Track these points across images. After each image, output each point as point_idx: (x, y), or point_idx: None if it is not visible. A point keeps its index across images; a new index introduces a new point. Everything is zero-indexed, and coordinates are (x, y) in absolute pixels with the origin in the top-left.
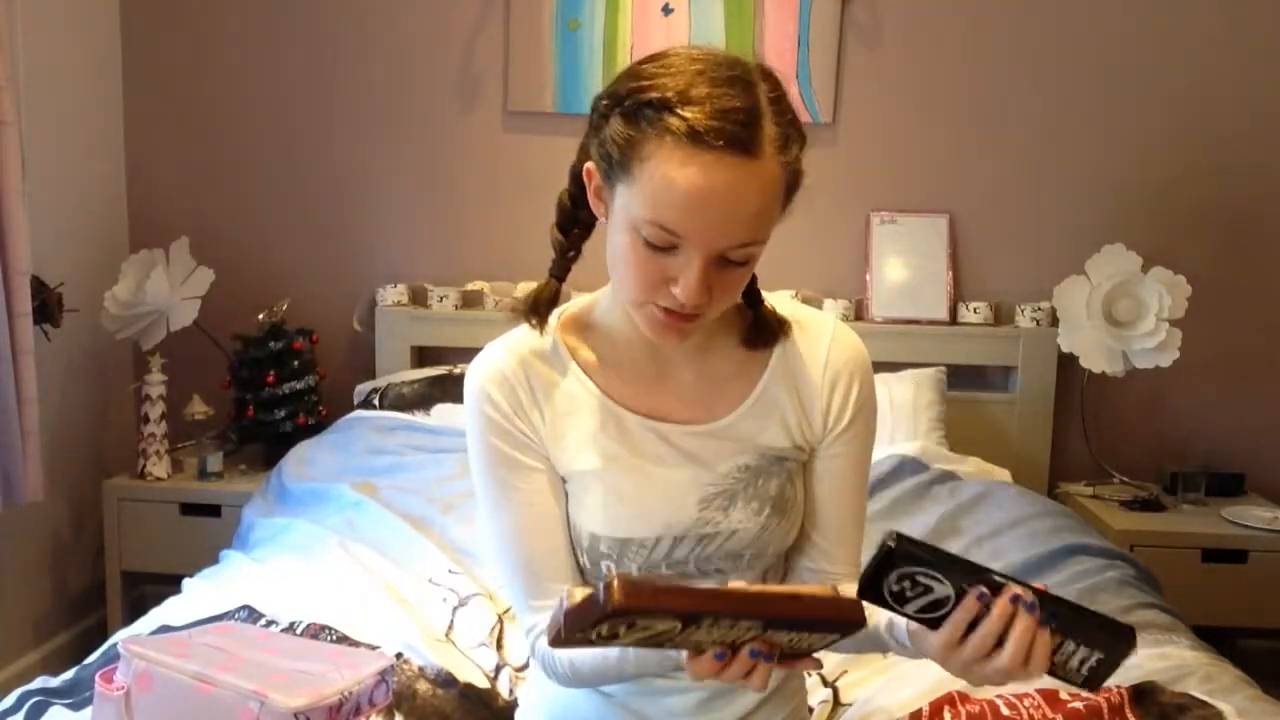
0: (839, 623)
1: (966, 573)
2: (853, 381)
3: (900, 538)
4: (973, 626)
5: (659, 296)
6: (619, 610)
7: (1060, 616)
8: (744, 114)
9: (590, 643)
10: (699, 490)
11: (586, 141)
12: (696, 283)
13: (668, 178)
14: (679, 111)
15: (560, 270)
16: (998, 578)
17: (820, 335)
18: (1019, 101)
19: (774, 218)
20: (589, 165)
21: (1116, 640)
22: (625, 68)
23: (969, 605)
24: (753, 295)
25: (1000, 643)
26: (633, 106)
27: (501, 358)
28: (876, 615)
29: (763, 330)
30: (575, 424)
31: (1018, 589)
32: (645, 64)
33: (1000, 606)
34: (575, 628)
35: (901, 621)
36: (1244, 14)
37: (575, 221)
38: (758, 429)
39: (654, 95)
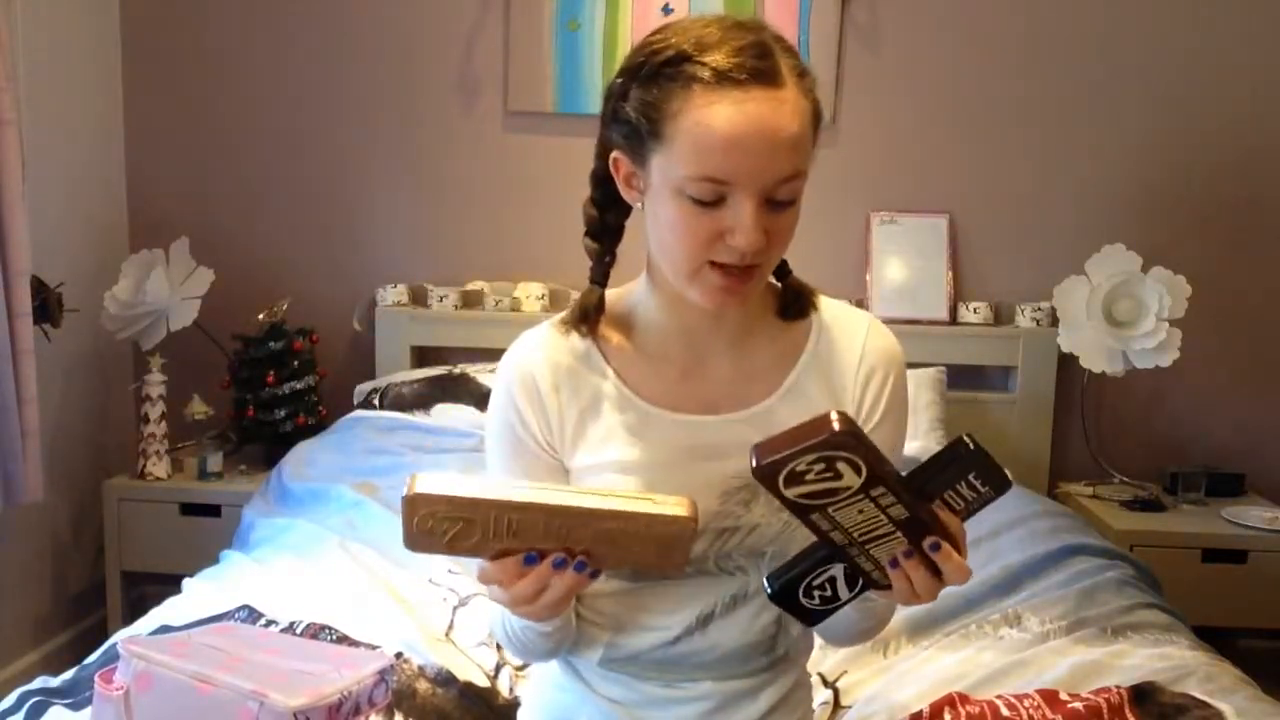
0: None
1: (835, 550)
2: (887, 376)
3: (770, 579)
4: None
5: (715, 254)
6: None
7: (929, 487)
8: (759, 48)
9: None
10: (721, 484)
11: (604, 135)
12: (752, 225)
13: (703, 124)
14: (699, 59)
15: (600, 276)
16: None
17: (856, 330)
18: (1018, 102)
19: (810, 149)
20: (615, 154)
21: (962, 455)
22: (631, 50)
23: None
24: (781, 267)
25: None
26: (650, 71)
27: (531, 356)
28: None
29: (796, 298)
30: (598, 421)
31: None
32: (651, 36)
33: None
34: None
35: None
36: (1244, 14)
37: (605, 227)
38: (786, 422)
39: (670, 53)
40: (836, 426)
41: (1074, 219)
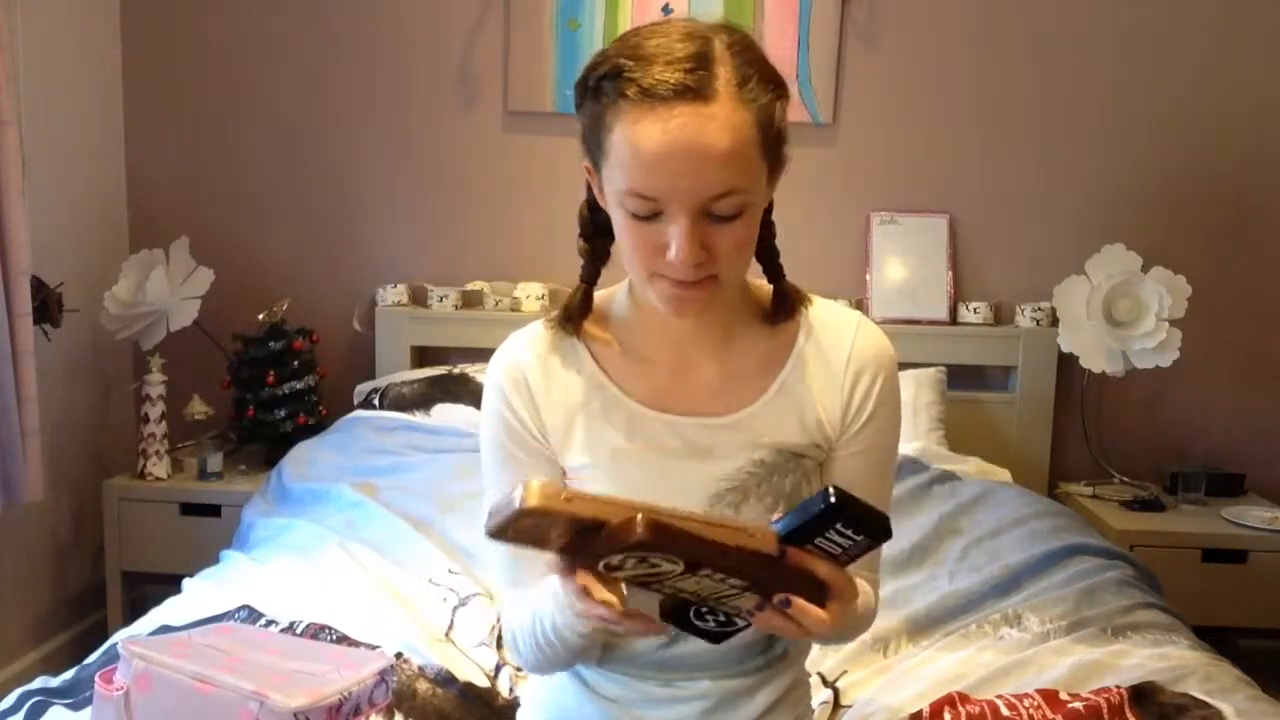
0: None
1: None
2: (876, 376)
3: (665, 608)
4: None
5: (659, 266)
6: (529, 513)
7: (795, 537)
8: (693, 59)
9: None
10: (710, 485)
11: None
12: (685, 241)
13: (630, 142)
14: (629, 75)
15: (590, 275)
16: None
17: (844, 331)
18: (1019, 102)
19: (753, 164)
20: (585, 163)
21: (822, 510)
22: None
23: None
24: (774, 271)
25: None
26: (593, 84)
27: (520, 354)
28: None
29: (784, 302)
30: (586, 419)
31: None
32: (607, 46)
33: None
34: (497, 522)
35: None
36: (1244, 14)
37: (596, 227)
38: (775, 424)
39: (606, 67)
40: (639, 533)
41: (1074, 219)
